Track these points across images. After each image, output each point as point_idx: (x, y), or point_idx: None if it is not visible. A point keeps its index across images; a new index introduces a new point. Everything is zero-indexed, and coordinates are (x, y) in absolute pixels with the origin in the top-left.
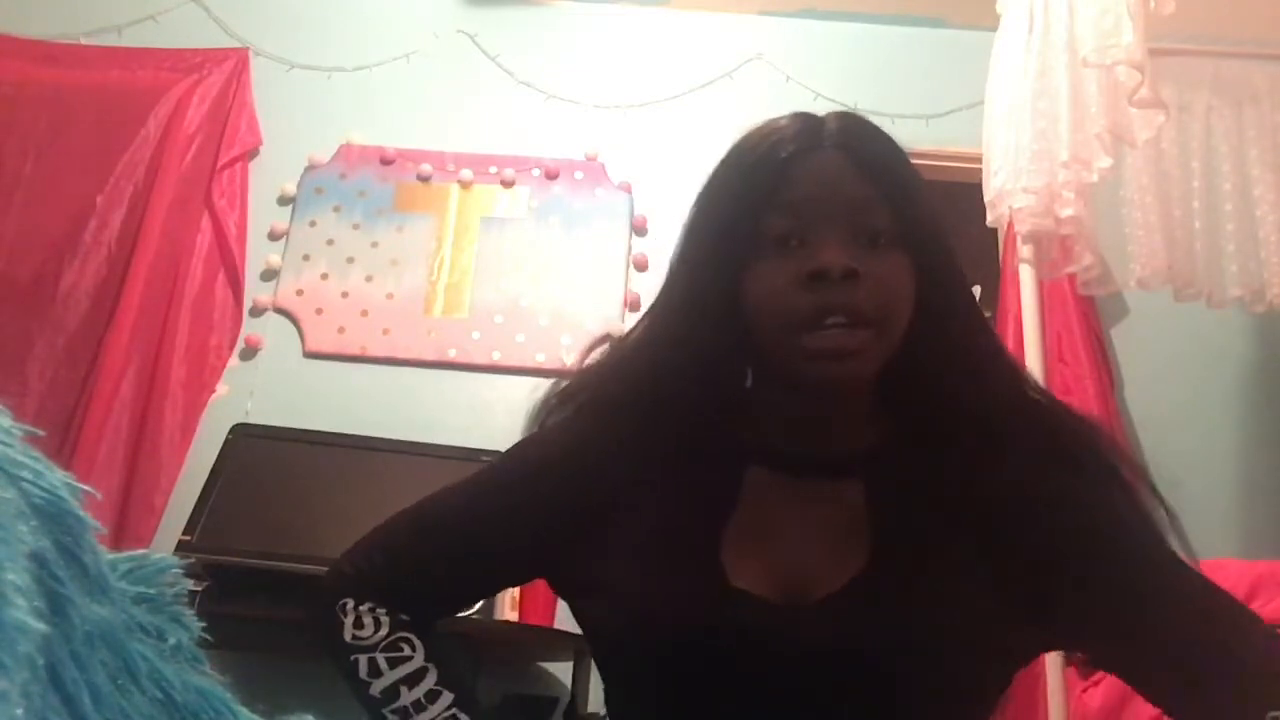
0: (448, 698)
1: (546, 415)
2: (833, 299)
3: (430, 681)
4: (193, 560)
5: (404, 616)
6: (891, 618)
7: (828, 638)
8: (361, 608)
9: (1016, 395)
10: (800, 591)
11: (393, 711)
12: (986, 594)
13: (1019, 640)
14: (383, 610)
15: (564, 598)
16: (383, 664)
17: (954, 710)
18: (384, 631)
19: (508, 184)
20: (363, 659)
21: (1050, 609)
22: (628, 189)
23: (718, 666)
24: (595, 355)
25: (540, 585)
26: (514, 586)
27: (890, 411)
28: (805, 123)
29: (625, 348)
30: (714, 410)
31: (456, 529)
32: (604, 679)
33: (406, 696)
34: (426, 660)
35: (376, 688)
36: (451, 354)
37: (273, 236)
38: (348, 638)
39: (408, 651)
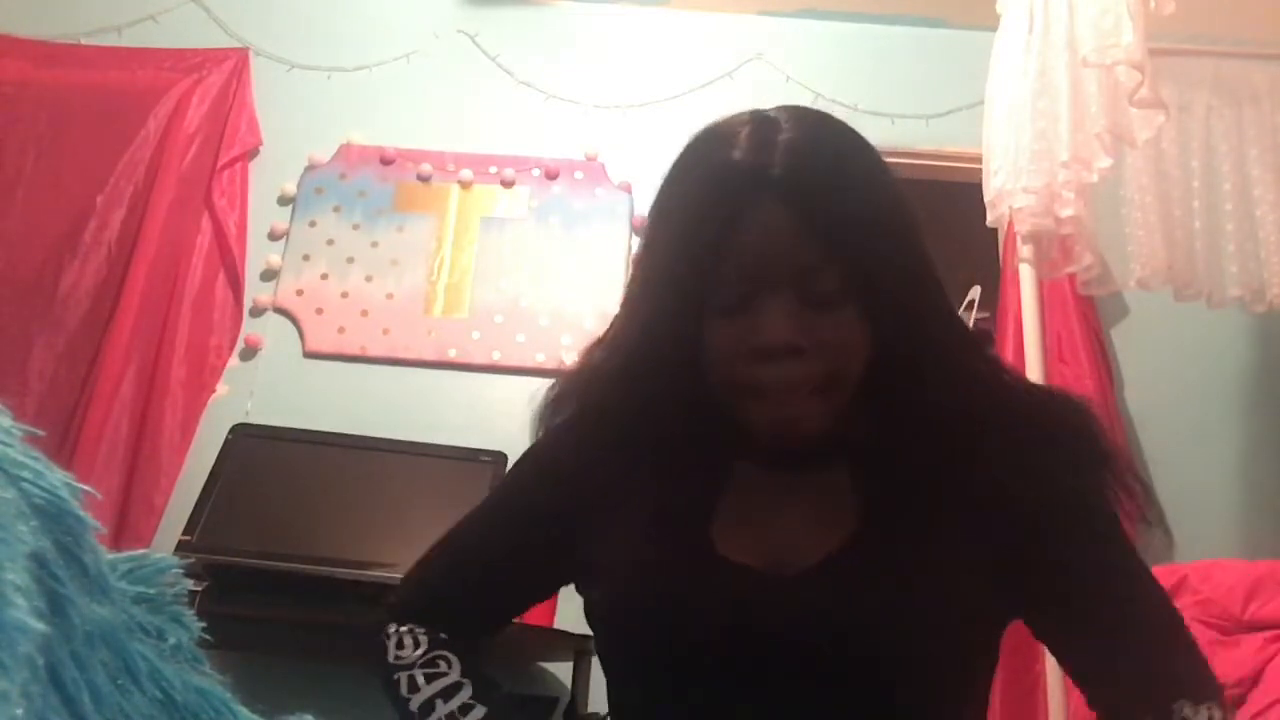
0: (480, 710)
1: (548, 418)
2: (777, 374)
3: (465, 695)
4: (193, 560)
5: (442, 635)
6: (875, 584)
7: (815, 604)
8: (402, 630)
9: (995, 385)
10: (785, 564)
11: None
12: (964, 563)
13: (992, 607)
14: (421, 630)
15: (581, 594)
16: (420, 679)
17: (941, 675)
18: (422, 649)
19: (508, 184)
20: (403, 676)
21: (1010, 578)
22: (628, 189)
23: (707, 635)
24: (578, 353)
25: None
26: (549, 594)
27: (873, 399)
28: (751, 160)
29: (604, 348)
30: (695, 406)
31: (479, 547)
32: (604, 667)
33: (441, 709)
34: (462, 675)
35: (415, 702)
36: (451, 354)
37: (273, 236)
38: (390, 659)
39: (444, 668)
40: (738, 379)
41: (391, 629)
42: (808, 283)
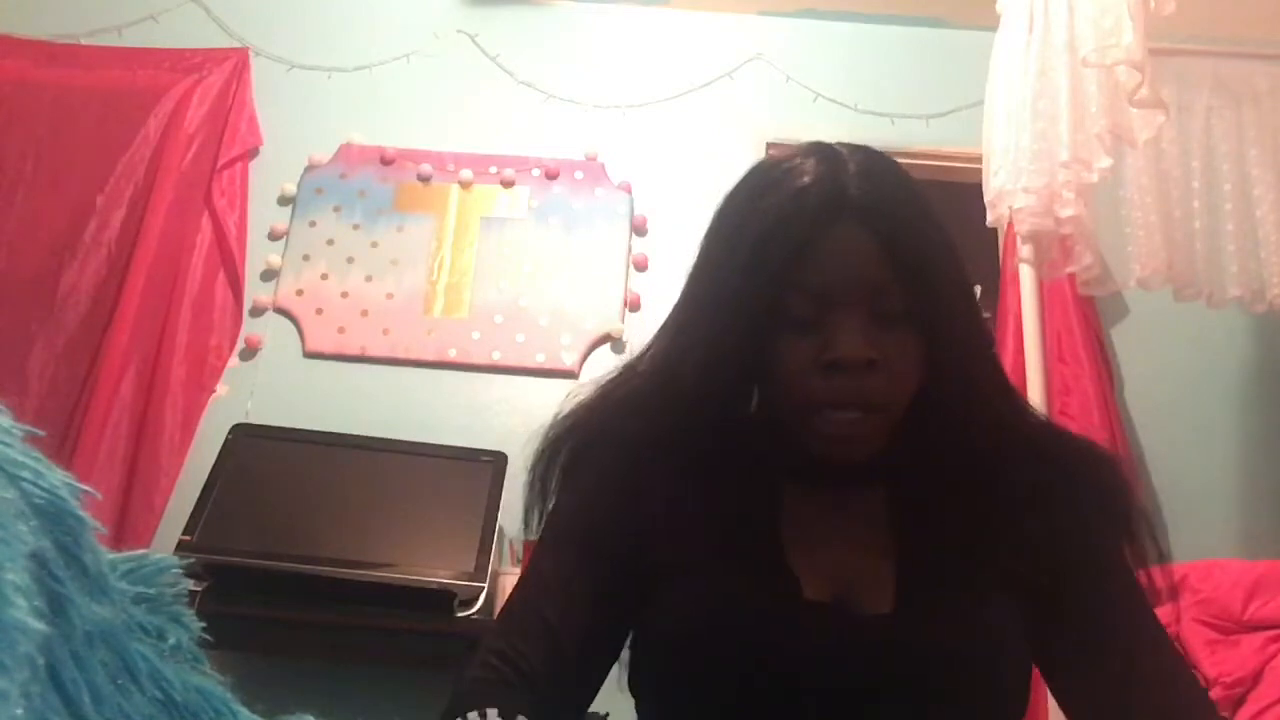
0: None
1: (548, 463)
2: (848, 388)
3: None
4: (193, 560)
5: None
6: (948, 624)
7: (895, 647)
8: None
9: (1027, 426)
10: (852, 596)
11: None
12: (1002, 590)
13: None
14: (495, 712)
15: (638, 622)
16: None
17: (1009, 701)
18: None
19: (508, 184)
20: None
21: (1030, 610)
22: (628, 189)
23: (792, 673)
24: (588, 391)
25: None
26: (623, 647)
27: (911, 424)
28: (828, 184)
29: (636, 379)
30: (737, 436)
31: (544, 617)
32: (650, 693)
33: None
34: None
35: None
36: (451, 354)
37: (273, 236)
38: None
39: None
40: (809, 393)
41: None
42: (879, 301)
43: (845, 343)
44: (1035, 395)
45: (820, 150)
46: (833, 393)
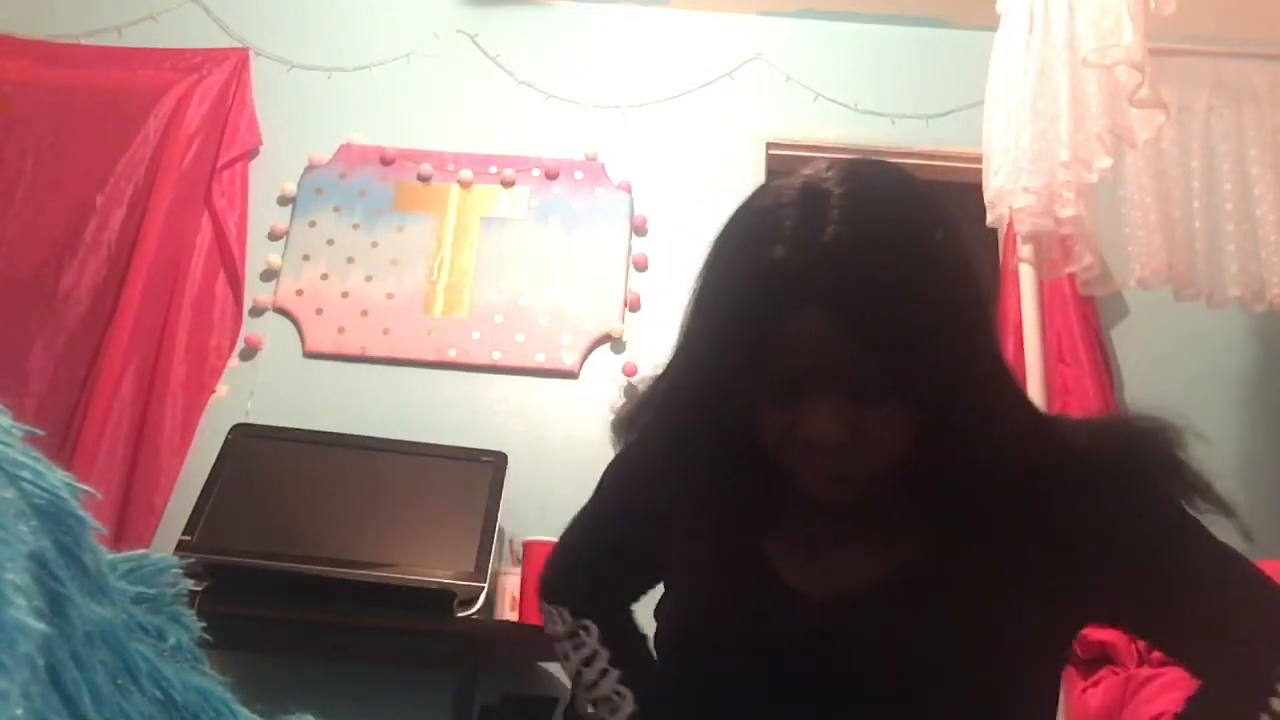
0: (615, 674)
1: (624, 432)
2: (822, 464)
3: (602, 661)
4: (193, 560)
5: (581, 610)
6: (929, 609)
7: (868, 629)
8: (551, 608)
9: (1046, 437)
10: (845, 590)
11: (581, 685)
12: (1024, 590)
13: (1056, 627)
14: (565, 609)
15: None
16: (569, 650)
17: (997, 695)
18: (565, 626)
19: (508, 184)
20: (557, 647)
21: (1083, 599)
22: (628, 189)
23: (773, 662)
24: (650, 375)
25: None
26: (657, 583)
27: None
28: (798, 260)
29: (666, 382)
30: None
31: (596, 541)
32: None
33: (587, 675)
34: (600, 645)
35: (569, 669)
36: (451, 354)
37: (273, 236)
38: (548, 632)
39: (584, 638)
40: (786, 459)
41: (545, 607)
42: (855, 383)
43: (815, 427)
44: (1035, 396)
45: (805, 198)
46: (809, 464)
